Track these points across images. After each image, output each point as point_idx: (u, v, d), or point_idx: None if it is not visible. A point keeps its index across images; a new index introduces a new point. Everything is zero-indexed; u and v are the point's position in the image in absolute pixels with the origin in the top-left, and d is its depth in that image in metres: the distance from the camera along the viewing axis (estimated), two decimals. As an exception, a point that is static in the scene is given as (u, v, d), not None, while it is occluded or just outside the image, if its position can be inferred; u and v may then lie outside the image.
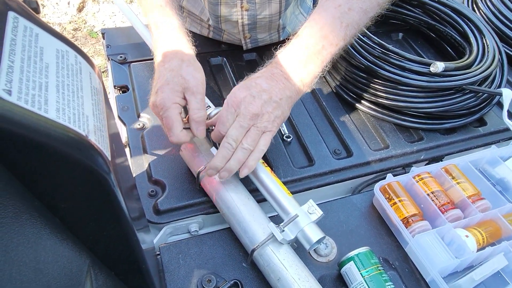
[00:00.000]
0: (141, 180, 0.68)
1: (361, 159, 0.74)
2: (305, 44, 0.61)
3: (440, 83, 0.76)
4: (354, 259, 0.58)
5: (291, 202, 0.58)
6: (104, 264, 0.39)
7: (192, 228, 0.66)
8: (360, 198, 0.70)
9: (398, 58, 0.77)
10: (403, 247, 0.64)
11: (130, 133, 0.74)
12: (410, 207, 0.64)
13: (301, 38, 0.62)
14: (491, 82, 0.83)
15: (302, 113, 0.82)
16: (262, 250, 0.56)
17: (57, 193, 0.29)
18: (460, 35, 0.92)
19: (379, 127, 0.80)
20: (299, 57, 0.61)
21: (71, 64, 0.31)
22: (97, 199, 0.32)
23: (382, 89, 0.79)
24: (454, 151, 0.79)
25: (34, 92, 0.25)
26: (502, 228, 0.64)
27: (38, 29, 0.29)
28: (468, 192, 0.67)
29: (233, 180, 0.62)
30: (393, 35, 1.04)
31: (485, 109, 0.83)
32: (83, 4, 2.54)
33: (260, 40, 0.94)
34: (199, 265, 0.59)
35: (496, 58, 0.83)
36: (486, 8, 1.04)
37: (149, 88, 0.81)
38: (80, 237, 0.34)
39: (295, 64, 0.61)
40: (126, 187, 0.44)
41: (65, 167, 0.27)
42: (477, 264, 0.63)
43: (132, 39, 0.92)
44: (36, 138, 0.25)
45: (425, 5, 0.96)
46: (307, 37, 0.61)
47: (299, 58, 0.61)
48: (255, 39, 0.93)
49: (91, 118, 0.30)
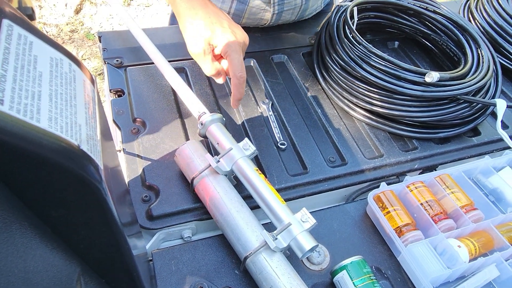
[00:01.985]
0: (134, 185, 0.67)
1: (355, 167, 0.74)
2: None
3: (435, 92, 0.76)
4: (346, 268, 0.58)
5: (284, 210, 0.58)
6: (95, 272, 0.39)
7: (185, 234, 0.66)
8: (354, 206, 0.70)
9: (394, 67, 0.78)
10: (396, 256, 0.64)
11: (124, 137, 0.74)
12: (403, 216, 0.65)
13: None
14: (485, 92, 0.84)
15: (296, 120, 0.82)
16: (255, 258, 0.56)
17: (49, 202, 0.29)
18: (456, 45, 0.93)
19: (374, 136, 0.81)
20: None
21: (65, 73, 0.31)
22: (89, 208, 0.32)
23: (378, 97, 0.79)
24: (448, 160, 0.79)
25: (26, 102, 0.25)
26: (494, 239, 0.65)
27: (32, 37, 0.29)
28: (461, 202, 0.68)
29: (227, 186, 0.62)
30: (389, 43, 1.05)
31: (479, 119, 0.84)
32: (80, 6, 2.54)
33: (285, 12, 0.95)
34: (192, 271, 0.59)
35: (490, 69, 0.84)
36: (481, 19, 1.05)
37: (145, 93, 0.81)
38: (71, 245, 0.34)
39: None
40: (118, 193, 0.44)
41: (56, 176, 0.27)
42: (469, 275, 0.63)
43: (129, 43, 0.92)
44: (28, 148, 0.25)
45: (421, 14, 0.96)
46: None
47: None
48: (281, 9, 0.94)
49: (83, 127, 0.30)
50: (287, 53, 0.96)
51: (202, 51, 0.63)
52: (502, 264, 0.61)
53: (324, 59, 0.89)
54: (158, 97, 0.82)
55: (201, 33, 0.62)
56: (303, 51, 0.98)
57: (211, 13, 0.64)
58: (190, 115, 0.78)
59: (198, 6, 0.64)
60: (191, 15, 0.63)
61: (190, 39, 0.64)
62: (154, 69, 0.86)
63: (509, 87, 0.98)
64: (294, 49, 0.98)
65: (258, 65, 0.92)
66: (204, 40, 0.62)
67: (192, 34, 0.63)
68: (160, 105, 0.80)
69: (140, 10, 2.61)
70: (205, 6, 0.65)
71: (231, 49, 0.62)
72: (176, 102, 0.81)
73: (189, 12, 0.64)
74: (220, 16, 0.65)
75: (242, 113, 0.81)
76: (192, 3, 0.64)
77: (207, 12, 0.64)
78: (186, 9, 0.64)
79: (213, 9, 0.66)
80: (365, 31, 1.04)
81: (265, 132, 0.78)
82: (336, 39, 0.86)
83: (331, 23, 0.90)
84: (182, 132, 0.76)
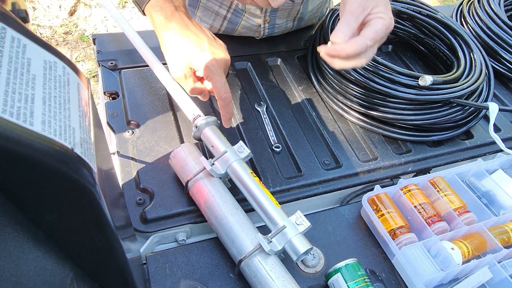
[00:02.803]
0: (129, 188, 0.67)
1: (350, 170, 0.74)
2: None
3: (428, 96, 0.77)
4: (341, 271, 0.58)
5: (279, 213, 0.58)
6: (88, 276, 0.38)
7: (179, 237, 0.65)
8: (348, 209, 0.71)
9: (388, 71, 0.79)
10: (390, 259, 0.64)
11: (119, 140, 0.74)
12: (397, 219, 0.65)
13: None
14: (478, 96, 0.85)
15: (291, 123, 0.82)
16: (249, 261, 0.56)
17: (42, 206, 0.29)
18: (449, 49, 0.94)
19: (368, 138, 0.81)
20: None
21: (59, 76, 0.31)
22: (82, 211, 0.31)
23: (372, 100, 0.80)
24: (441, 163, 0.80)
25: (19, 105, 0.25)
26: (487, 241, 0.65)
27: (26, 39, 0.29)
28: (454, 205, 0.68)
29: (221, 189, 0.62)
30: (383, 47, 1.06)
31: (472, 122, 0.85)
32: (74, 8, 2.53)
33: (277, 26, 0.96)
34: (186, 274, 0.59)
35: (483, 72, 0.85)
36: (474, 23, 1.06)
37: (139, 95, 0.81)
38: (64, 249, 0.34)
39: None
40: (112, 196, 0.43)
41: (50, 180, 0.27)
42: (463, 277, 0.63)
43: (123, 45, 0.92)
44: (21, 151, 0.25)
45: (414, 18, 0.97)
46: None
47: None
48: (273, 24, 0.95)
49: (77, 130, 0.30)
50: (282, 56, 0.97)
51: (183, 75, 0.62)
52: (495, 266, 0.62)
53: (319, 62, 0.90)
54: (152, 99, 0.82)
55: (181, 57, 0.61)
56: (297, 54, 0.98)
57: (191, 36, 0.63)
58: (184, 118, 0.78)
59: (178, 28, 0.63)
60: (171, 39, 0.62)
61: (171, 63, 0.63)
62: (148, 71, 0.85)
63: (501, 91, 0.99)
64: (289, 52, 0.98)
65: (253, 68, 0.93)
66: (184, 65, 0.61)
67: (173, 59, 0.62)
68: (155, 108, 0.80)
69: (135, 12, 2.61)
70: (185, 27, 0.63)
71: (212, 73, 0.62)
72: (170, 104, 0.81)
73: (169, 36, 0.63)
74: (200, 38, 0.63)
75: (236, 116, 0.81)
76: (171, 25, 0.62)
77: (187, 35, 0.62)
78: (165, 33, 0.63)
79: (193, 30, 0.64)
80: (359, 35, 1.04)
81: (260, 135, 0.79)
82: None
83: (325, 26, 0.91)
84: (177, 135, 0.76)
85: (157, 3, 0.62)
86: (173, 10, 0.62)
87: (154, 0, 0.62)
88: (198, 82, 0.65)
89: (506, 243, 0.66)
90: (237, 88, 0.88)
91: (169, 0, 0.63)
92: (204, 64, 0.61)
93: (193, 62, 0.61)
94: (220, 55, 0.63)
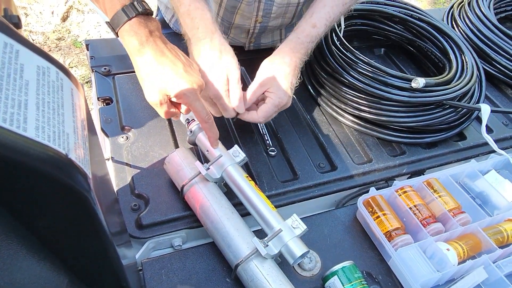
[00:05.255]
0: (123, 193, 0.67)
1: (345, 173, 0.74)
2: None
3: (421, 98, 0.78)
4: (338, 273, 0.58)
5: (275, 217, 0.58)
6: (83, 282, 0.38)
7: (175, 242, 0.65)
8: (344, 211, 0.71)
9: (381, 73, 0.79)
10: (386, 261, 0.64)
11: (113, 145, 0.73)
12: (393, 221, 0.65)
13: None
14: (470, 97, 0.85)
15: (286, 127, 0.82)
16: (246, 265, 0.55)
17: (36, 212, 0.29)
18: (440, 52, 0.95)
19: (363, 141, 0.81)
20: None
21: (52, 81, 0.31)
22: (77, 217, 0.31)
23: (365, 103, 0.80)
24: (435, 164, 0.80)
25: (13, 111, 0.25)
26: (482, 242, 0.66)
27: (19, 45, 0.29)
28: (449, 206, 0.68)
29: (217, 194, 0.62)
30: (376, 50, 1.07)
31: (465, 123, 0.85)
32: (67, 14, 2.52)
33: (263, 45, 0.99)
34: (182, 280, 0.59)
35: (474, 75, 0.86)
36: (465, 26, 1.07)
37: (133, 101, 0.81)
38: (59, 256, 0.33)
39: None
40: (107, 202, 0.43)
41: (44, 186, 0.27)
42: (458, 278, 0.63)
43: (117, 50, 0.92)
44: (15, 157, 0.24)
45: (406, 22, 0.98)
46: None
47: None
48: (258, 43, 0.98)
49: (71, 135, 0.29)
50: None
51: (158, 102, 0.61)
52: (490, 266, 0.62)
53: (312, 66, 0.90)
54: (146, 104, 0.81)
55: (156, 85, 0.60)
56: (291, 58, 0.98)
57: (166, 63, 0.61)
58: (179, 123, 0.78)
59: (153, 55, 0.61)
60: (146, 66, 0.61)
61: (146, 89, 0.61)
62: (142, 76, 0.85)
63: (493, 92, 1.00)
64: (283, 56, 0.99)
65: (247, 72, 0.93)
66: (160, 92, 0.60)
67: (148, 85, 0.61)
68: (149, 113, 0.80)
69: (128, 18, 2.60)
70: (160, 54, 0.61)
71: (189, 99, 0.61)
72: (165, 109, 0.81)
73: (143, 62, 0.61)
74: (175, 64, 0.61)
75: (231, 120, 0.81)
76: (146, 51, 0.60)
77: (161, 62, 0.61)
78: (140, 58, 0.61)
79: (169, 56, 0.62)
80: (352, 39, 1.05)
81: (255, 138, 0.79)
82: (323, 46, 0.87)
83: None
84: (171, 140, 0.76)
85: (131, 28, 0.59)
86: (147, 35, 0.60)
87: (128, 25, 0.59)
88: (172, 108, 0.64)
89: (500, 243, 0.67)
90: (232, 93, 0.88)
91: (144, 25, 0.60)
92: (179, 91, 0.60)
93: (168, 89, 0.60)
94: (195, 80, 0.61)
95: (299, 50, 0.74)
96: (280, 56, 0.73)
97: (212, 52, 0.68)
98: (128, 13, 0.59)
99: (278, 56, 0.73)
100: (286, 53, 0.73)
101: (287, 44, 0.74)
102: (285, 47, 0.74)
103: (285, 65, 0.72)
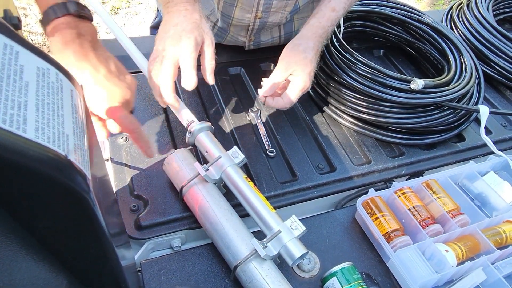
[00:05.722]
0: (123, 194, 0.67)
1: (344, 174, 0.75)
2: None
3: (420, 99, 0.78)
4: (337, 275, 0.58)
5: (274, 218, 0.58)
6: (82, 284, 0.38)
7: (174, 243, 0.65)
8: (343, 213, 0.71)
9: (380, 75, 0.79)
10: (385, 262, 0.64)
11: (112, 146, 0.73)
12: (392, 222, 0.65)
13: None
14: (469, 99, 0.86)
15: (285, 128, 0.82)
16: (245, 266, 0.55)
17: (35, 213, 0.29)
18: (439, 53, 0.95)
19: (362, 142, 0.82)
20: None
21: (52, 82, 0.31)
22: (76, 219, 0.31)
23: (365, 105, 0.80)
24: (434, 166, 0.80)
25: (12, 112, 0.25)
26: (480, 243, 0.66)
27: (18, 46, 0.29)
28: (447, 207, 0.69)
29: (216, 195, 0.62)
30: (375, 51, 1.07)
31: (464, 125, 0.86)
32: (67, 14, 2.51)
33: (263, 43, 0.99)
34: (181, 281, 0.59)
35: (473, 76, 0.86)
36: (463, 27, 1.07)
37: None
38: (58, 257, 0.33)
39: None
40: (106, 203, 0.43)
41: (43, 187, 0.27)
42: (457, 279, 0.63)
43: (116, 51, 0.92)
44: (14, 158, 0.24)
45: (405, 23, 0.98)
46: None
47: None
48: (258, 41, 0.98)
49: (71, 137, 0.29)
50: (275, 62, 0.97)
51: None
52: (489, 268, 0.62)
53: (312, 67, 0.90)
54: (146, 105, 0.82)
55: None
56: (290, 59, 0.98)
57: (87, 68, 0.56)
58: (178, 124, 0.78)
59: (73, 58, 0.55)
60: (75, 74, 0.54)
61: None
62: (142, 77, 0.85)
63: (492, 94, 1.01)
64: (282, 57, 0.99)
65: (246, 73, 0.93)
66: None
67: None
68: (148, 114, 0.80)
69: (127, 18, 2.60)
70: (82, 57, 0.56)
71: (116, 115, 0.57)
72: (164, 110, 0.81)
73: (74, 72, 0.55)
74: (97, 70, 0.56)
75: (231, 121, 0.81)
76: (67, 53, 0.55)
77: (81, 67, 0.55)
78: (60, 61, 0.56)
79: (92, 61, 0.56)
80: (351, 40, 1.05)
81: (254, 140, 0.79)
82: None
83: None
84: (171, 141, 0.76)
85: (56, 27, 0.54)
86: (73, 36, 0.55)
87: (54, 23, 0.54)
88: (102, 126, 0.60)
89: (499, 244, 0.67)
90: (231, 93, 0.88)
91: (72, 26, 0.55)
92: (101, 105, 0.56)
93: (90, 107, 0.56)
94: (117, 91, 0.56)
95: (321, 35, 0.76)
96: (303, 40, 0.74)
97: (191, 16, 0.65)
98: (57, 12, 0.55)
99: (302, 41, 0.74)
100: (309, 38, 0.75)
101: (310, 29, 0.76)
102: (308, 32, 0.76)
103: (309, 49, 0.73)
